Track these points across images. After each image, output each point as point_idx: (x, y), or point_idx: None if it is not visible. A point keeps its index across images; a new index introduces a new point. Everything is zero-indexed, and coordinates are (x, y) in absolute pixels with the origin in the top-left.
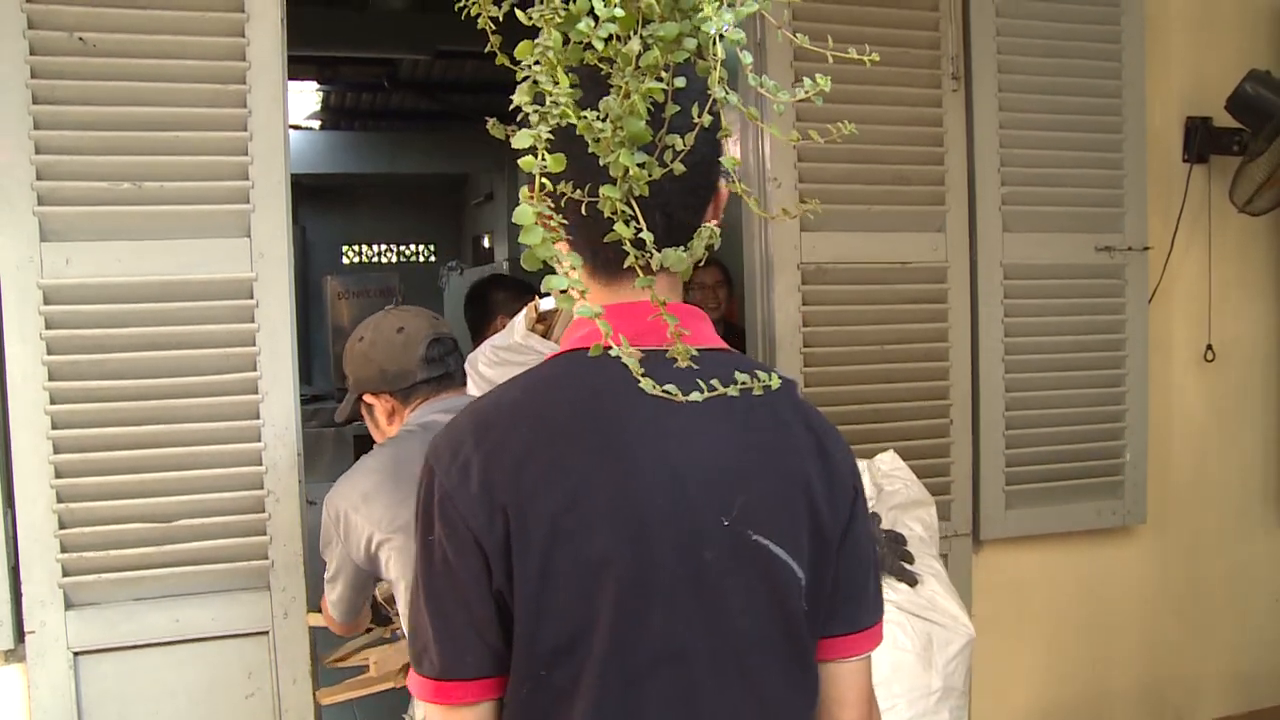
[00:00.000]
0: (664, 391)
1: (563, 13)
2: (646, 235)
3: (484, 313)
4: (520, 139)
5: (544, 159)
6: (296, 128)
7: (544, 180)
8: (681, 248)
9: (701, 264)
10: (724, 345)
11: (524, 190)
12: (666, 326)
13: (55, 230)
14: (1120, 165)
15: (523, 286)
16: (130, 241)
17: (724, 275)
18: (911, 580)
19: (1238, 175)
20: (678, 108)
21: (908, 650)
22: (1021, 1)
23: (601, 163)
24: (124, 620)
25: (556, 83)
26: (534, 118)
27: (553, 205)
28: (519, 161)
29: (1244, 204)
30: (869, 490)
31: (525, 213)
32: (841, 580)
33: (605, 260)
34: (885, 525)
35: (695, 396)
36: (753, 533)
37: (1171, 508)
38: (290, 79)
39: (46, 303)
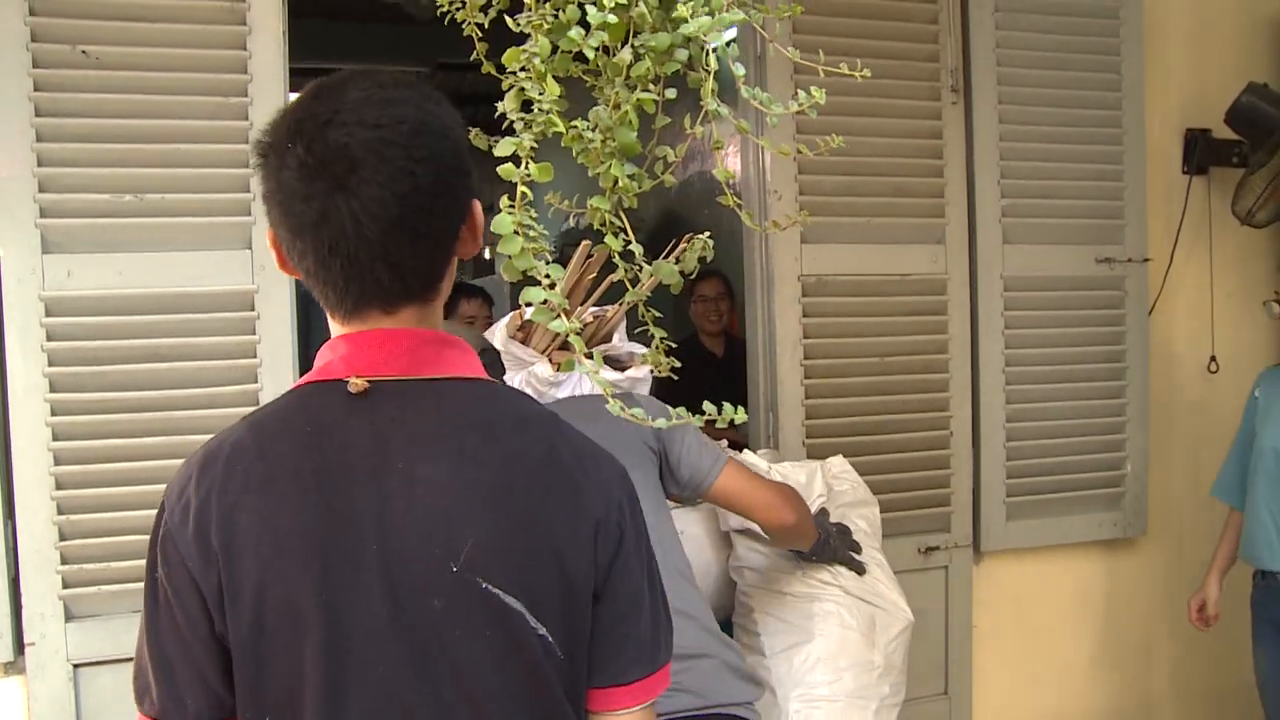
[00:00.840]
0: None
1: (550, 19)
2: (636, 248)
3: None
4: (502, 147)
5: (527, 168)
6: None
7: (525, 190)
8: (673, 259)
9: (701, 276)
10: (479, 376)
11: (504, 199)
12: (416, 354)
13: (57, 242)
14: (1120, 177)
15: (459, 289)
16: (132, 253)
17: (726, 287)
18: (860, 569)
19: (1239, 188)
20: (668, 119)
21: (853, 629)
22: (1021, 14)
23: (590, 174)
24: (124, 632)
25: (543, 91)
26: (519, 125)
27: (534, 216)
28: (498, 170)
29: (1246, 216)
30: (819, 489)
31: (504, 222)
32: (603, 629)
33: (339, 303)
34: (834, 519)
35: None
36: (484, 581)
37: (1173, 520)
38: (292, 91)
39: (48, 315)
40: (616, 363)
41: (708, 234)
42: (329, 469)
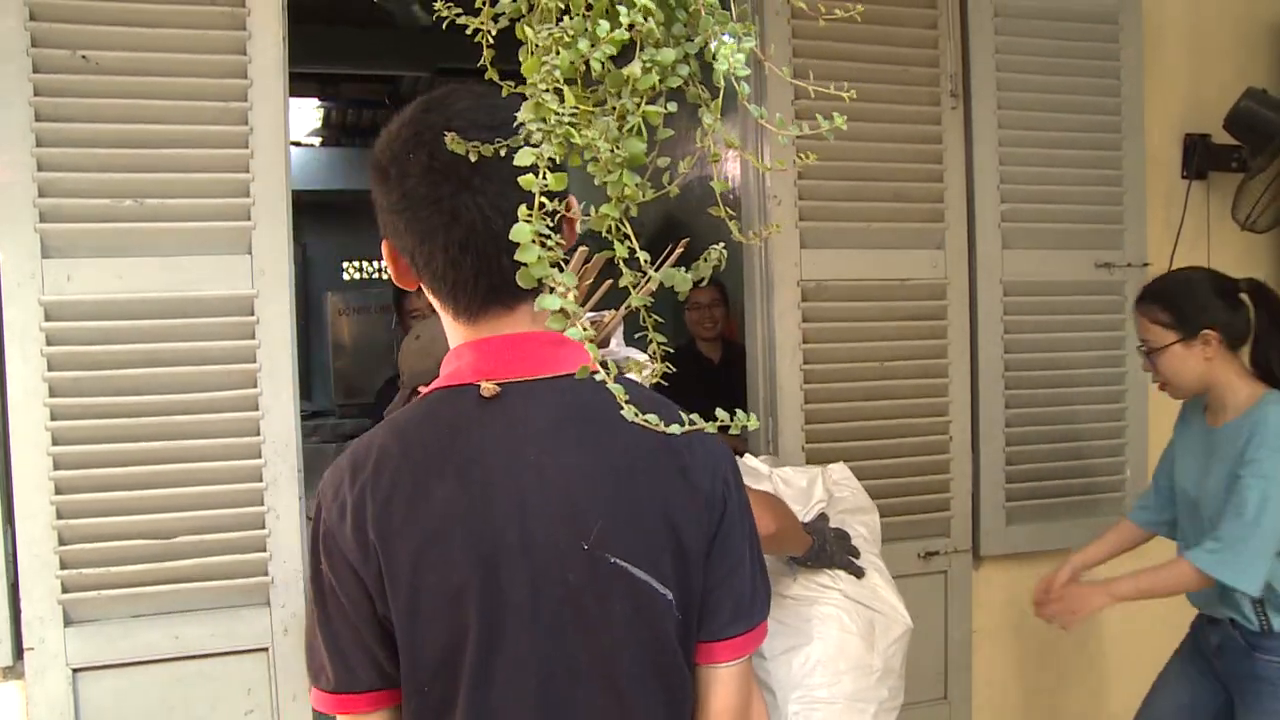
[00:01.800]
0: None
1: (571, 33)
2: (642, 255)
3: (398, 320)
4: (522, 157)
5: (545, 177)
6: (298, 144)
7: (544, 199)
8: (683, 268)
9: (694, 283)
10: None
11: (522, 209)
12: (535, 355)
13: (57, 247)
14: (1119, 182)
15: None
16: (132, 258)
17: (720, 294)
18: (858, 572)
19: (1239, 193)
20: (670, 132)
21: (852, 632)
22: (1020, 20)
23: (598, 182)
24: (123, 637)
25: (563, 101)
26: (537, 135)
27: (551, 225)
28: (519, 180)
29: (1246, 221)
30: (820, 494)
31: (523, 231)
32: (710, 588)
33: (469, 302)
34: (833, 524)
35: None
36: (612, 556)
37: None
38: (291, 96)
39: (48, 319)
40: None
41: (722, 245)
42: (468, 465)
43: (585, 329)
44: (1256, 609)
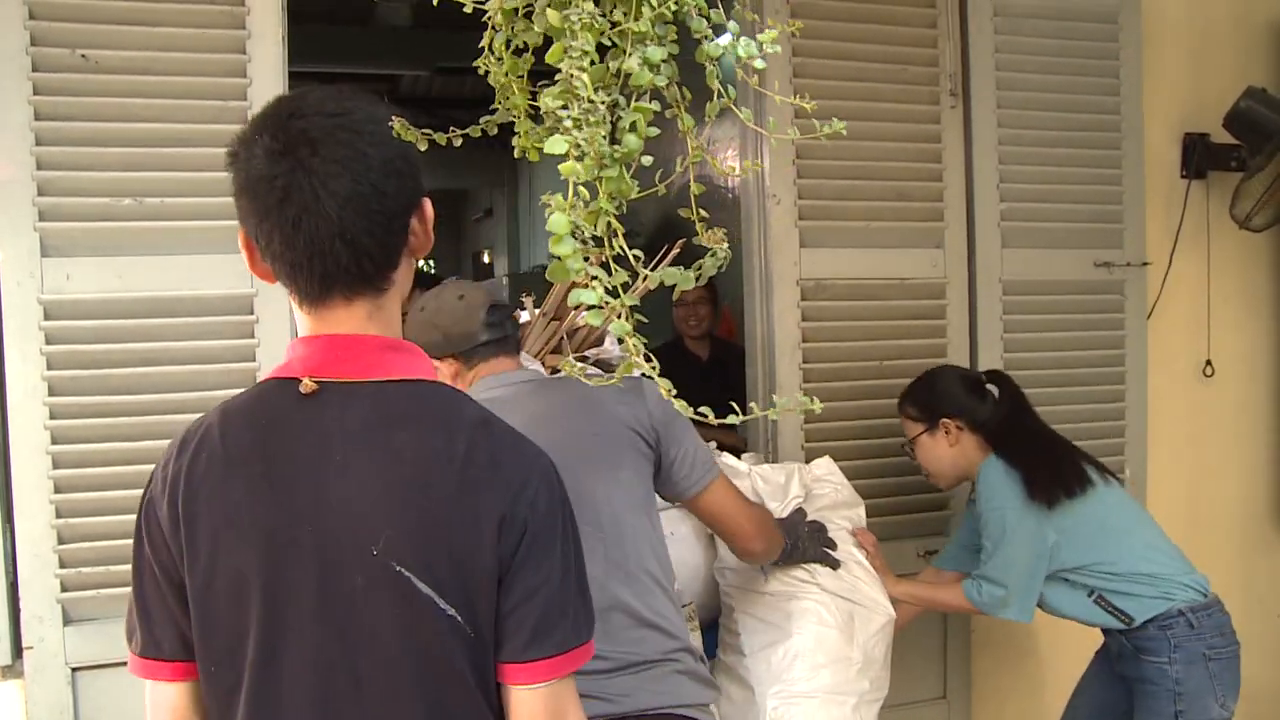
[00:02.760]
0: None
1: (599, 19)
2: (634, 253)
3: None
4: (554, 144)
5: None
6: None
7: (583, 190)
8: (681, 267)
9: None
10: (423, 377)
11: (557, 198)
12: (363, 359)
13: (56, 246)
14: (1119, 181)
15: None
16: (131, 257)
17: (708, 293)
18: (833, 564)
19: (1237, 192)
20: (658, 130)
21: (831, 626)
22: (1020, 19)
23: (590, 178)
24: (122, 636)
25: (596, 89)
26: (568, 123)
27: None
28: (560, 168)
29: (1244, 220)
30: (796, 490)
31: (560, 221)
32: (509, 610)
33: (307, 287)
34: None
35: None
36: (396, 564)
37: (1171, 523)
38: None
39: (47, 318)
40: (608, 365)
41: (725, 244)
42: (277, 457)
43: (622, 322)
44: (1107, 609)
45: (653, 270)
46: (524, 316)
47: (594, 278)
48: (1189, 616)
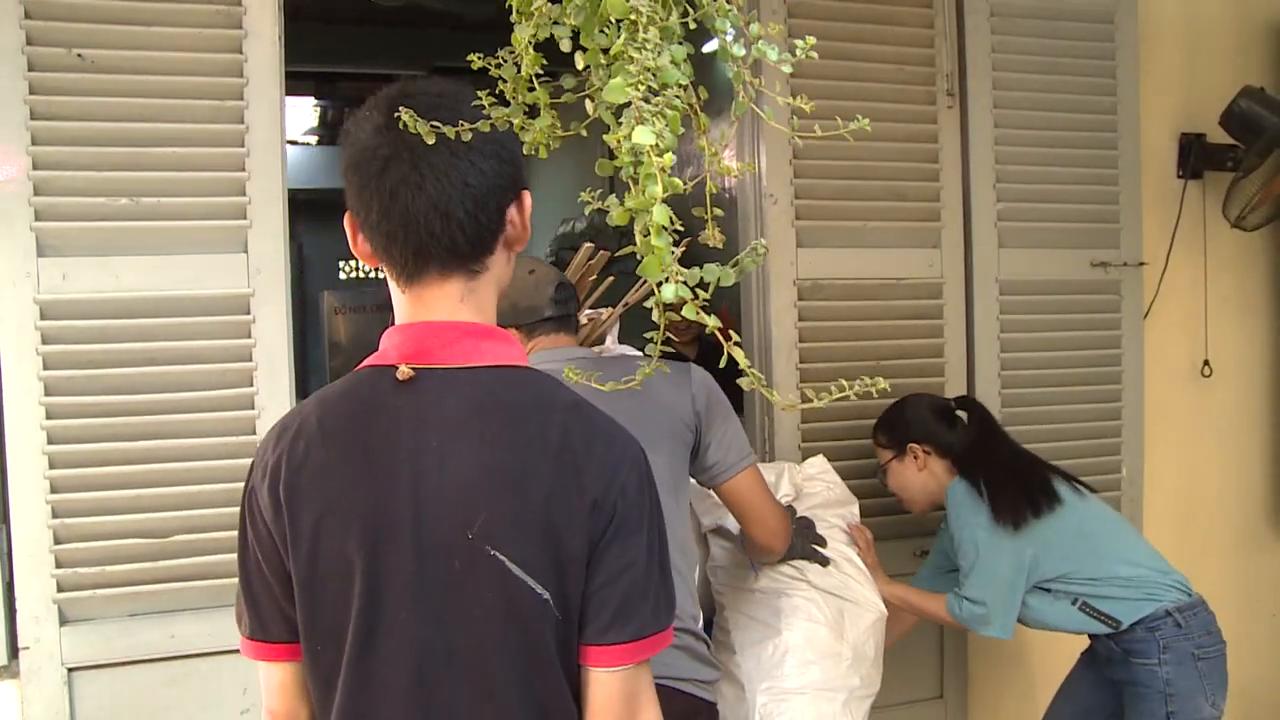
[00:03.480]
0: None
1: (661, 13)
2: (667, 251)
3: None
4: (642, 135)
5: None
6: (294, 143)
7: (674, 180)
8: (722, 264)
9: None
10: (516, 363)
11: (652, 189)
12: (458, 345)
13: (52, 245)
14: (1115, 181)
15: None
16: (127, 257)
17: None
18: (823, 561)
19: (1230, 191)
20: (683, 130)
21: (820, 623)
22: (1016, 19)
23: (625, 176)
24: (119, 636)
25: (664, 84)
26: (648, 115)
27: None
28: (654, 159)
29: (1236, 219)
30: (785, 489)
31: (662, 213)
32: (592, 592)
33: (402, 259)
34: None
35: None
36: (490, 548)
37: (1168, 523)
38: (288, 95)
39: (43, 318)
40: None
41: (763, 239)
42: (376, 444)
43: (711, 317)
44: (1092, 615)
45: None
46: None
47: (679, 271)
48: (1176, 616)
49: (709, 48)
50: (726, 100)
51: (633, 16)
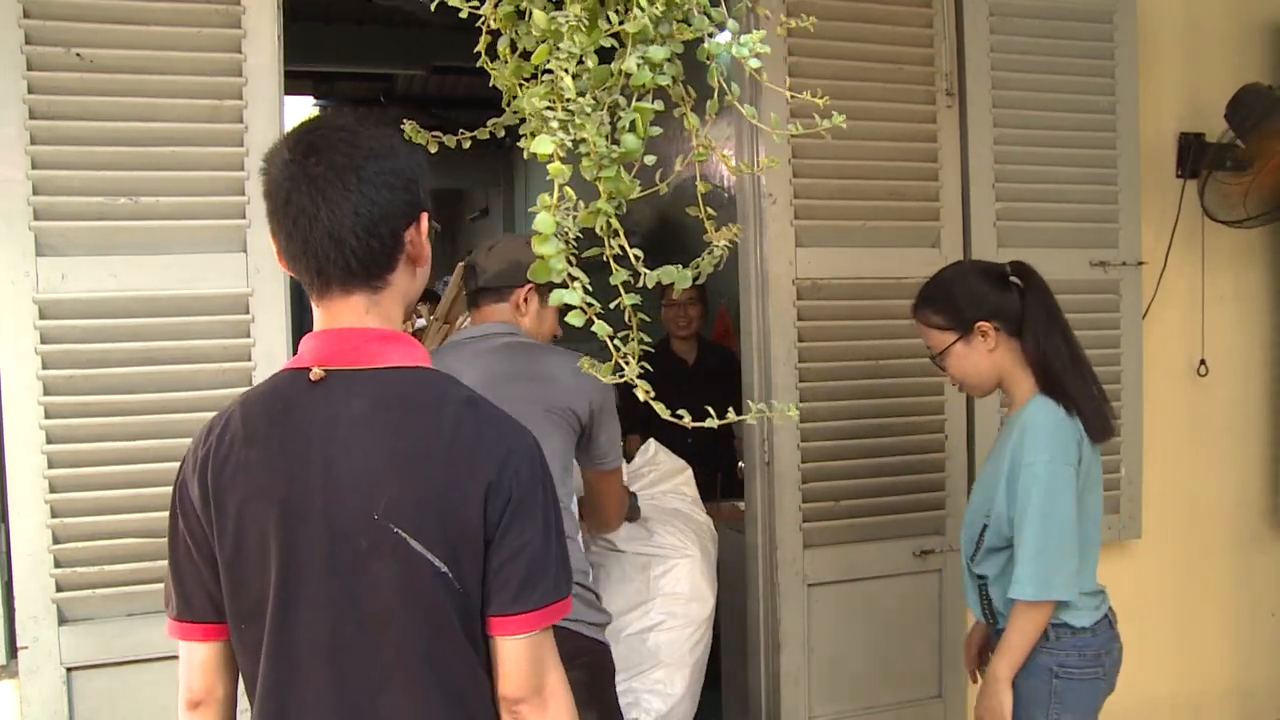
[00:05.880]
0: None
1: (585, 22)
2: (634, 252)
3: None
4: (540, 144)
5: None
6: None
7: (570, 191)
8: (679, 265)
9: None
10: (418, 364)
11: (543, 197)
12: (363, 350)
13: (51, 245)
14: (1114, 180)
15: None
16: (126, 256)
17: (697, 292)
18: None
19: (1207, 186)
20: (660, 130)
21: (629, 579)
22: (1015, 19)
23: (590, 178)
24: (118, 636)
25: (582, 92)
26: (554, 124)
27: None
28: (549, 167)
29: (1228, 219)
30: (642, 467)
31: (546, 221)
32: (497, 571)
33: (307, 278)
34: (658, 490)
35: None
36: (395, 526)
37: (1168, 523)
38: (287, 94)
39: (42, 317)
40: None
41: (726, 242)
42: (291, 437)
43: (603, 324)
44: (986, 610)
45: (671, 266)
46: (420, 323)
47: (574, 278)
48: (1049, 631)
49: (722, 39)
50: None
51: (553, 28)
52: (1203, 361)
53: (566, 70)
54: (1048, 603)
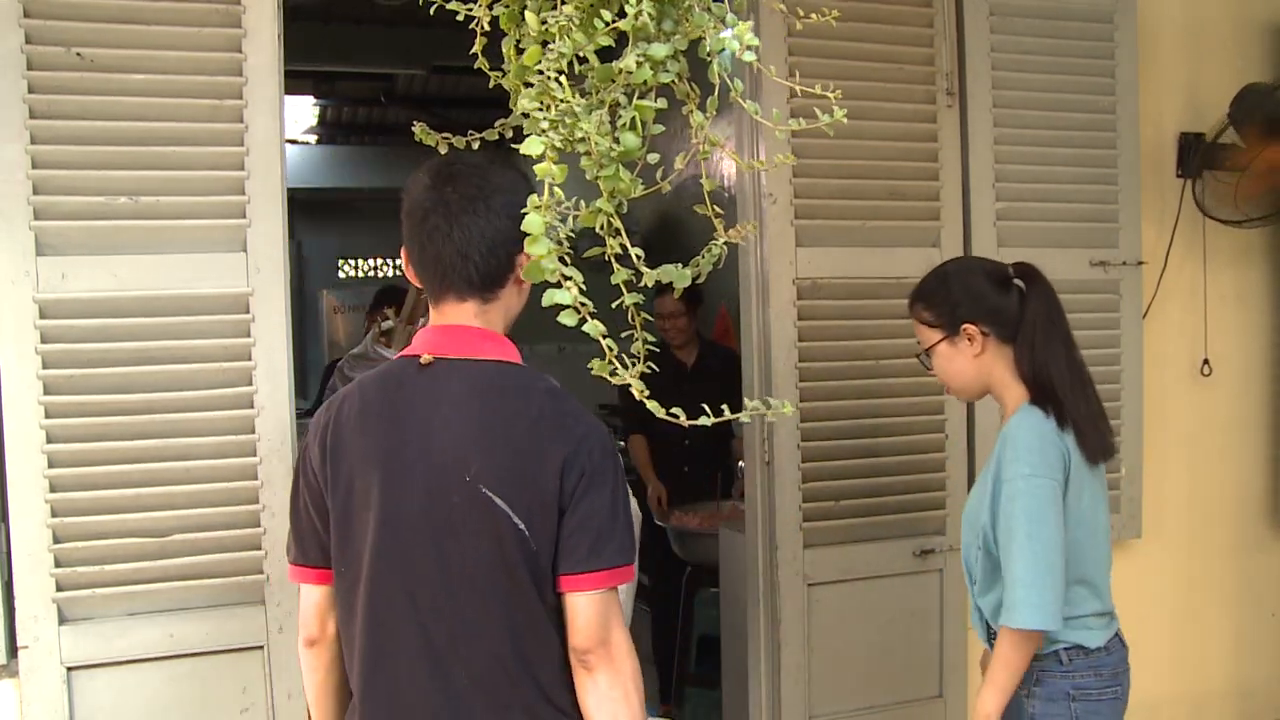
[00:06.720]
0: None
1: (577, 21)
2: (635, 251)
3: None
4: (530, 145)
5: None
6: (293, 142)
7: (559, 191)
8: (678, 265)
9: (658, 292)
10: (508, 359)
11: (532, 199)
12: (467, 343)
13: (51, 244)
14: (1114, 180)
15: (390, 294)
16: (126, 256)
17: (685, 304)
18: None
19: (1204, 184)
20: (662, 128)
21: None
22: (1015, 18)
23: (590, 177)
24: (118, 635)
25: (585, 92)
26: (544, 125)
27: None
28: (536, 168)
29: (1225, 218)
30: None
31: (535, 222)
32: (570, 534)
33: (431, 285)
34: None
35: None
36: (484, 488)
37: (1168, 522)
38: (287, 94)
39: (42, 317)
40: None
41: (722, 241)
42: (400, 411)
43: (596, 323)
44: (990, 634)
45: (669, 266)
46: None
47: (568, 278)
48: (1061, 654)
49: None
50: (725, 96)
51: (542, 30)
52: (1205, 361)
53: (560, 71)
54: (1036, 632)
